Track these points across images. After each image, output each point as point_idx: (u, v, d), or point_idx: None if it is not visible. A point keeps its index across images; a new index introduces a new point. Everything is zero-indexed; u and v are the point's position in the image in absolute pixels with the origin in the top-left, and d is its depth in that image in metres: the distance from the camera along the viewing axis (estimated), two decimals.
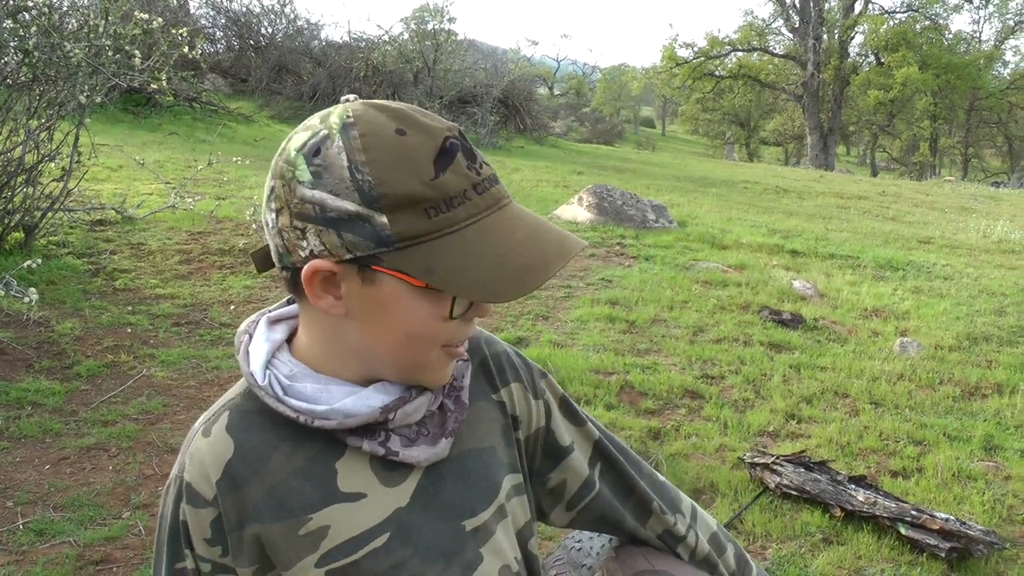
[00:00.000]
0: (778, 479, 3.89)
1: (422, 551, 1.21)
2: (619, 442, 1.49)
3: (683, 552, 1.49)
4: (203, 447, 1.19)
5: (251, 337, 1.26)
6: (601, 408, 4.68)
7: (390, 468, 1.21)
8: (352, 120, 1.08)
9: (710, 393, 5.03)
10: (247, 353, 1.23)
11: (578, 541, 1.56)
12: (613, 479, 1.45)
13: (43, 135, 6.62)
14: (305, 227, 1.07)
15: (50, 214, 6.94)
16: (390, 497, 1.20)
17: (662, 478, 1.53)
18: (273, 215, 1.11)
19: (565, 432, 1.42)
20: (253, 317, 1.29)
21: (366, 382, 1.19)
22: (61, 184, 6.86)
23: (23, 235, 6.77)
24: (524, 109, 23.10)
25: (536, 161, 17.71)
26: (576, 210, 9.93)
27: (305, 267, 1.09)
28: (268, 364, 1.21)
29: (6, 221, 6.64)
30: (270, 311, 1.29)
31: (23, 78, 6.24)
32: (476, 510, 1.26)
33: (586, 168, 17.47)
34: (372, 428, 1.18)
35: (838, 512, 3.67)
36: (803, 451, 4.20)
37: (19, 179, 6.63)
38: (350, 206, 1.05)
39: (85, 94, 6.43)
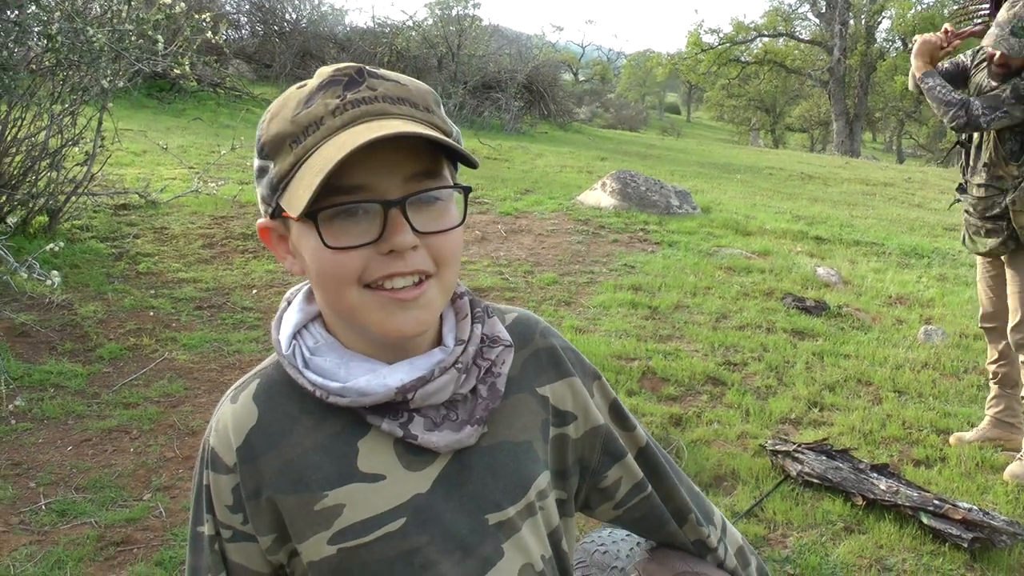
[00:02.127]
0: (800, 467, 3.86)
1: (439, 540, 1.18)
2: (662, 449, 1.46)
3: (712, 563, 1.47)
4: (228, 414, 1.21)
5: (288, 305, 1.26)
6: (623, 394, 4.66)
7: (415, 452, 1.18)
8: None
9: (732, 380, 5.00)
10: (280, 320, 1.24)
11: (601, 544, 1.54)
12: (656, 484, 1.42)
13: (67, 120, 6.65)
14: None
15: (74, 198, 6.98)
16: (410, 482, 1.18)
17: (697, 488, 1.50)
18: None
19: (619, 434, 1.39)
20: (298, 286, 1.29)
21: (387, 356, 1.18)
22: (85, 168, 6.89)
23: (47, 219, 6.81)
24: (548, 95, 23.02)
25: (560, 147, 17.66)
26: (600, 196, 9.90)
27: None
28: (297, 334, 1.21)
29: (30, 205, 6.68)
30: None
31: (47, 63, 6.27)
32: (502, 504, 1.22)
33: (610, 154, 17.41)
34: (394, 408, 1.16)
35: (860, 501, 3.65)
36: (825, 439, 4.17)
37: (43, 163, 6.67)
38: (257, 161, 1.14)
39: (108, 79, 6.45)
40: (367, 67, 1.12)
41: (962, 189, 4.14)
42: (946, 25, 3.78)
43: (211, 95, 16.54)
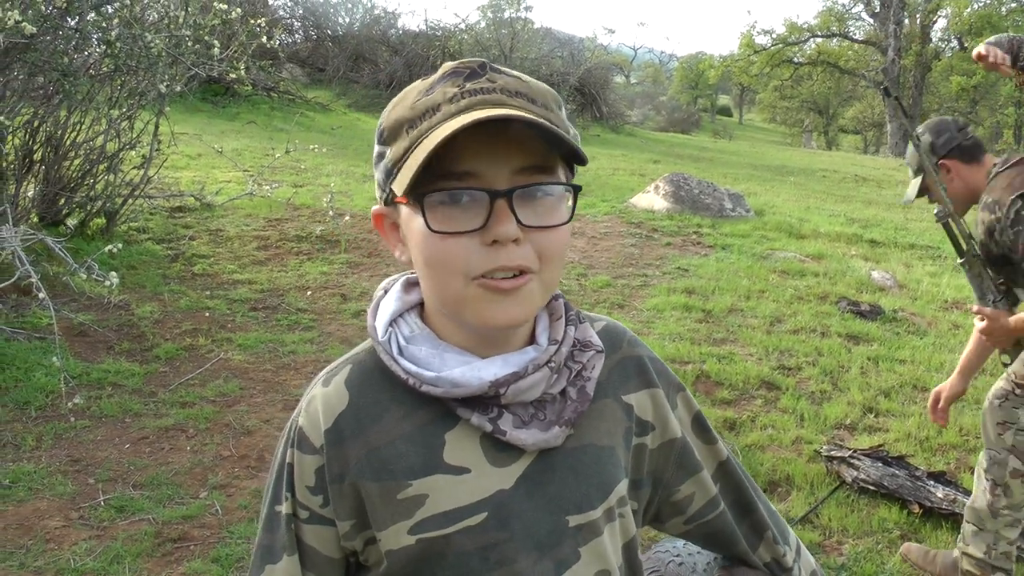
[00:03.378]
0: (855, 473, 3.82)
1: (518, 538, 1.17)
2: (741, 465, 1.44)
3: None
4: (320, 396, 1.21)
5: (385, 293, 1.27)
6: None
7: (500, 448, 1.17)
8: None
9: (787, 384, 4.96)
10: (377, 308, 1.24)
11: (677, 555, 1.50)
12: (733, 500, 1.41)
13: (124, 124, 6.76)
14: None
15: (131, 201, 7.08)
16: (495, 477, 1.17)
17: (774, 507, 1.48)
18: None
19: (696, 448, 1.37)
20: (395, 276, 1.29)
21: (482, 349, 1.18)
22: (141, 172, 6.99)
23: (105, 221, 6.91)
24: (601, 97, 22.99)
25: (612, 150, 17.62)
26: (653, 199, 9.86)
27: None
28: (393, 322, 1.22)
29: (88, 207, 6.79)
30: (411, 272, 1.26)
31: (105, 69, 6.36)
32: (583, 507, 1.21)
33: (662, 157, 17.35)
34: (485, 402, 1.15)
35: (916, 508, 3.60)
36: (881, 445, 4.12)
37: (101, 167, 6.78)
38: (376, 148, 1.16)
39: (165, 84, 6.54)
40: (490, 63, 1.12)
41: None
42: None
43: (265, 99, 16.70)
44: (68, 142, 6.66)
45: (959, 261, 3.22)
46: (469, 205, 1.07)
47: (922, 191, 3.26)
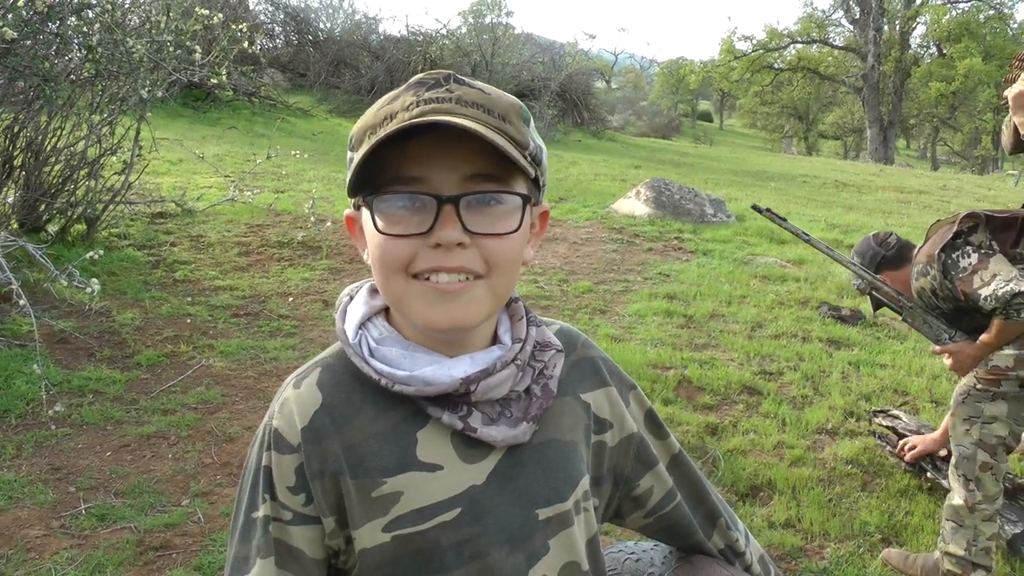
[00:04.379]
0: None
1: (491, 532, 1.21)
2: (690, 458, 1.51)
3: (740, 568, 1.51)
4: (293, 398, 1.24)
5: (351, 299, 1.31)
6: (659, 403, 4.65)
7: (470, 445, 1.21)
8: None
9: (768, 389, 4.97)
10: (344, 312, 1.29)
11: (632, 553, 1.54)
12: (687, 491, 1.47)
13: (105, 129, 6.73)
14: None
15: (112, 207, 7.05)
16: (467, 473, 1.21)
17: (721, 496, 1.54)
18: None
19: (651, 443, 1.43)
20: (359, 283, 1.34)
21: (450, 350, 1.22)
22: (122, 177, 6.96)
23: (85, 227, 6.88)
24: (582, 103, 23.03)
25: (593, 155, 17.66)
26: (634, 204, 9.89)
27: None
28: (362, 325, 1.26)
29: (69, 213, 6.76)
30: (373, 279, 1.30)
31: (86, 74, 6.33)
32: (551, 500, 1.26)
33: (644, 162, 17.39)
34: (455, 401, 1.20)
35: None
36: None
37: (82, 172, 6.74)
38: (348, 153, 1.22)
39: (146, 89, 6.52)
40: (456, 74, 1.17)
41: None
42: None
43: (246, 104, 16.67)
44: (49, 148, 6.63)
45: (900, 319, 3.43)
46: (418, 209, 1.13)
47: (878, 304, 3.48)
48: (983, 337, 3.11)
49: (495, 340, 1.27)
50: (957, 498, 3.11)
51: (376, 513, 1.19)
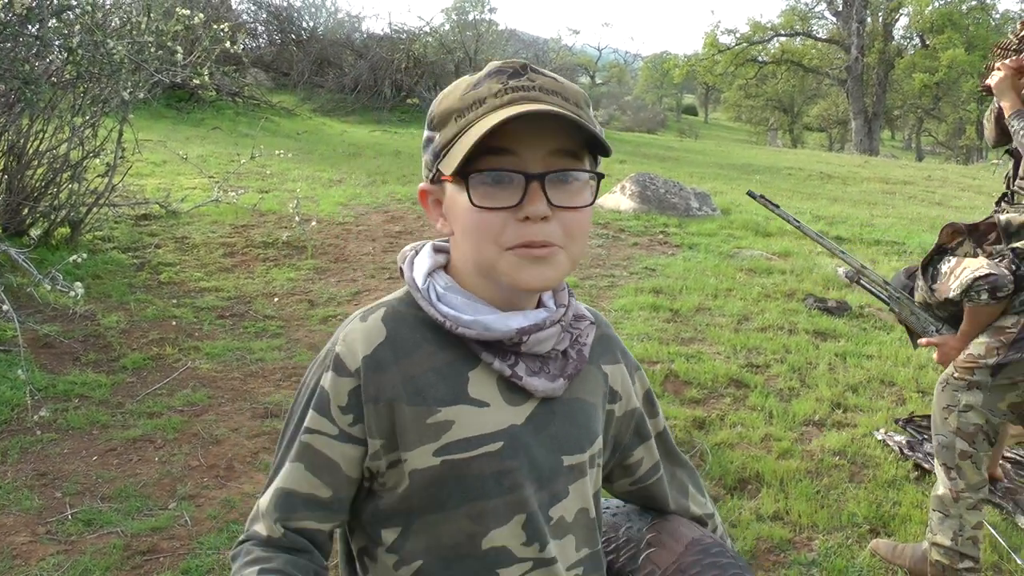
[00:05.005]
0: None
1: (525, 468, 1.36)
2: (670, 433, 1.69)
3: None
4: (358, 328, 1.38)
5: (417, 253, 1.45)
6: None
7: (513, 390, 1.37)
8: None
9: (755, 382, 4.98)
10: (412, 264, 1.42)
11: (607, 507, 1.67)
12: (670, 461, 1.66)
13: (88, 132, 6.69)
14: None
15: (95, 209, 7.02)
16: (509, 413, 1.36)
17: (695, 468, 1.73)
18: None
19: (647, 419, 1.60)
20: (419, 242, 1.49)
21: (506, 306, 1.37)
22: (106, 180, 6.93)
23: (69, 230, 6.85)
24: None
25: None
26: (619, 199, 9.89)
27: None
28: (429, 275, 1.40)
29: (52, 217, 6.73)
30: (436, 240, 1.46)
31: (68, 76, 6.31)
32: (574, 450, 1.41)
33: (629, 157, 17.39)
34: (505, 350, 1.35)
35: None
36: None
37: (65, 175, 6.71)
38: (425, 132, 1.36)
39: (128, 90, 6.49)
40: (531, 64, 1.32)
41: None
42: (1003, 63, 3.42)
43: (230, 104, 16.60)
44: (31, 151, 6.59)
45: (888, 309, 3.50)
46: (507, 185, 1.26)
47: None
48: (962, 327, 3.15)
49: (539, 305, 1.42)
50: (941, 487, 3.13)
51: (429, 438, 1.32)
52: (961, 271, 3.03)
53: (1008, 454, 4.18)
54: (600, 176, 1.34)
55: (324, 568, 1.39)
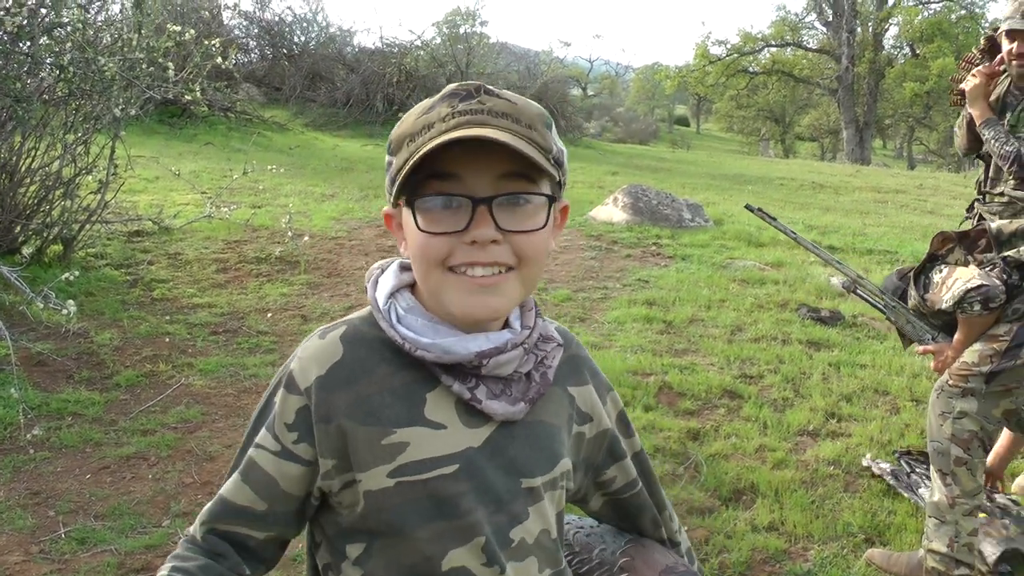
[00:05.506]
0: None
1: (481, 491, 1.35)
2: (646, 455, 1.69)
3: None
4: (315, 346, 1.38)
5: (383, 272, 1.45)
6: (640, 409, 4.65)
7: (471, 413, 1.36)
8: None
9: (749, 393, 4.99)
10: (376, 283, 1.42)
11: (581, 527, 1.68)
12: (644, 482, 1.65)
13: (80, 149, 6.69)
14: None
15: (88, 226, 7.01)
16: (466, 436, 1.35)
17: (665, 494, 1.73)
18: None
19: (620, 440, 1.60)
20: (388, 259, 1.49)
21: (468, 329, 1.35)
22: (98, 196, 6.92)
23: (62, 247, 6.84)
24: (558, 111, 23.01)
25: (571, 162, 17.46)
26: (611, 211, 9.91)
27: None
28: (391, 296, 1.39)
29: (45, 234, 6.72)
30: (403, 258, 1.44)
31: (59, 93, 6.31)
32: (534, 473, 1.40)
33: (621, 168, 17.42)
34: (466, 372, 1.34)
35: None
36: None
37: (57, 192, 6.70)
38: (386, 157, 1.35)
39: (120, 107, 6.49)
40: (487, 85, 1.31)
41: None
42: (976, 69, 3.44)
43: (222, 120, 16.61)
44: (23, 168, 6.59)
45: (884, 318, 3.53)
46: (455, 210, 1.26)
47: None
48: (956, 336, 3.17)
49: (506, 325, 1.40)
50: (937, 494, 3.14)
51: (383, 459, 1.32)
52: (953, 282, 3.05)
53: None
54: (551, 199, 1.33)
55: (239, 571, 1.40)
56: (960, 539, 3.08)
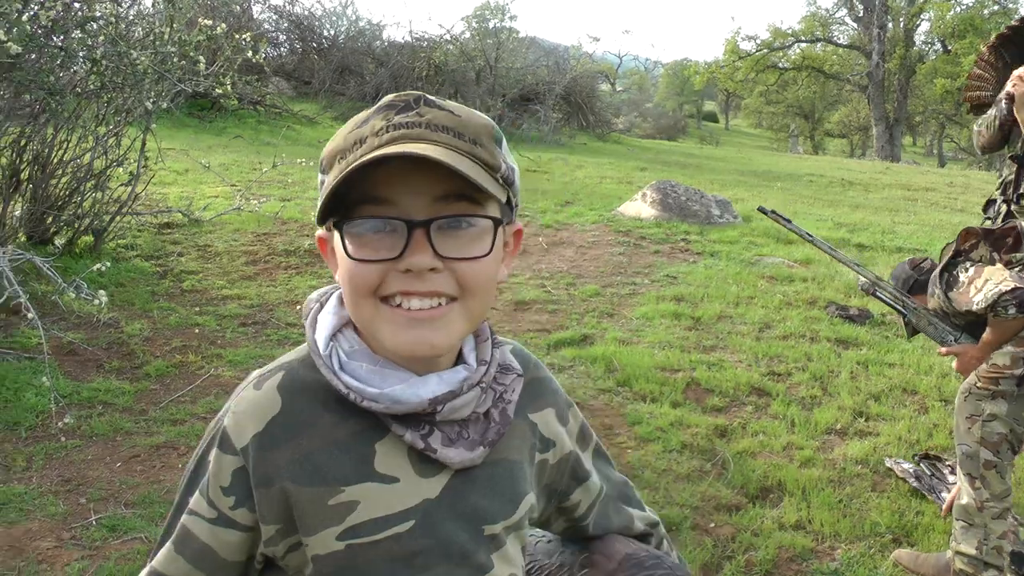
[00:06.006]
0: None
1: (441, 545, 1.23)
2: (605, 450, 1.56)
3: (654, 543, 1.57)
4: (251, 398, 1.23)
5: (321, 307, 1.30)
6: (667, 406, 4.65)
7: (426, 461, 1.22)
8: None
9: (777, 390, 4.97)
10: (315, 321, 1.27)
11: (544, 535, 1.61)
12: (605, 484, 1.51)
13: (111, 141, 6.74)
14: None
15: (118, 218, 7.06)
16: (422, 487, 1.22)
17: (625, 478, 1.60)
18: None
19: (584, 458, 1.47)
20: (327, 289, 1.33)
21: (418, 368, 1.21)
22: (129, 188, 6.98)
23: (92, 239, 6.90)
24: (587, 106, 23.00)
25: (599, 158, 17.65)
26: (640, 206, 9.88)
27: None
28: (333, 336, 1.25)
29: (76, 225, 6.78)
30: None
31: (91, 86, 6.35)
32: (496, 518, 1.28)
33: (649, 164, 17.38)
34: (417, 419, 1.20)
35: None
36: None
37: (88, 184, 6.76)
38: (318, 178, 1.22)
39: (151, 100, 6.54)
40: (427, 96, 1.17)
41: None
42: (1018, 74, 3.37)
43: (252, 113, 16.68)
44: (55, 160, 6.64)
45: (904, 321, 3.47)
46: (389, 233, 1.13)
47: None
48: (984, 337, 3.15)
49: (459, 358, 1.27)
50: (965, 497, 3.11)
51: (331, 521, 1.19)
52: (983, 283, 3.00)
53: None
54: (497, 221, 1.19)
55: None
56: (989, 542, 3.06)
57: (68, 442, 4.04)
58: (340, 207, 1.14)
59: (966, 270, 3.12)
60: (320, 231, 1.25)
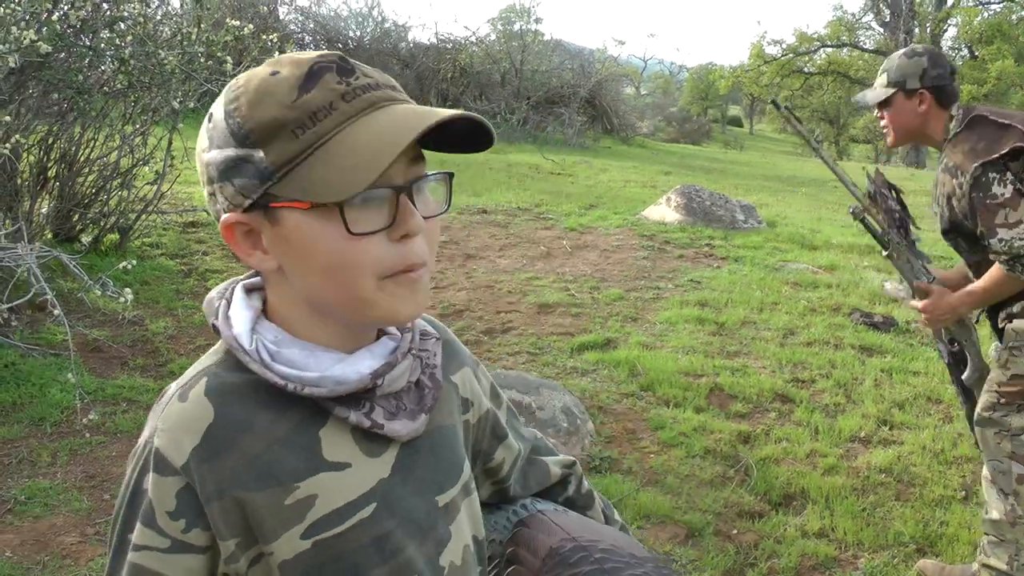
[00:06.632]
0: None
1: (403, 524, 1.19)
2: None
3: (574, 487, 1.55)
4: (178, 411, 1.12)
5: (228, 303, 1.20)
6: (690, 411, 4.63)
7: (370, 439, 1.17)
8: (234, 79, 1.10)
9: (800, 397, 4.95)
10: (227, 318, 1.18)
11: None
12: (520, 442, 1.48)
13: (138, 140, 6.79)
14: (212, 191, 1.10)
15: (144, 216, 7.11)
16: (374, 468, 1.18)
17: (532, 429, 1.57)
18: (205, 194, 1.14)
19: (500, 415, 1.44)
20: (223, 285, 1.25)
21: (347, 346, 1.17)
22: (155, 187, 7.02)
23: (118, 237, 6.94)
24: (611, 109, 22.99)
25: (624, 161, 17.63)
26: (664, 211, 9.86)
27: (220, 228, 1.12)
28: (253, 329, 1.17)
29: (102, 223, 6.82)
30: (243, 279, 1.24)
31: (119, 85, 6.39)
32: (444, 486, 1.25)
33: (674, 168, 17.34)
34: (357, 398, 1.15)
35: None
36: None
37: (114, 183, 6.81)
38: (230, 152, 1.07)
39: (178, 100, 6.57)
40: (340, 54, 1.10)
41: None
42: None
43: None
44: (82, 158, 6.69)
45: (884, 254, 3.30)
46: (375, 204, 1.06)
47: (885, 103, 3.30)
48: (972, 285, 3.01)
49: (379, 333, 1.23)
50: (995, 512, 3.05)
51: (292, 521, 1.12)
52: (1016, 223, 2.78)
53: None
54: (450, 175, 1.17)
55: None
56: (1020, 558, 3.01)
57: (92, 438, 4.07)
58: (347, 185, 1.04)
59: (1004, 184, 2.84)
60: (230, 216, 1.11)
